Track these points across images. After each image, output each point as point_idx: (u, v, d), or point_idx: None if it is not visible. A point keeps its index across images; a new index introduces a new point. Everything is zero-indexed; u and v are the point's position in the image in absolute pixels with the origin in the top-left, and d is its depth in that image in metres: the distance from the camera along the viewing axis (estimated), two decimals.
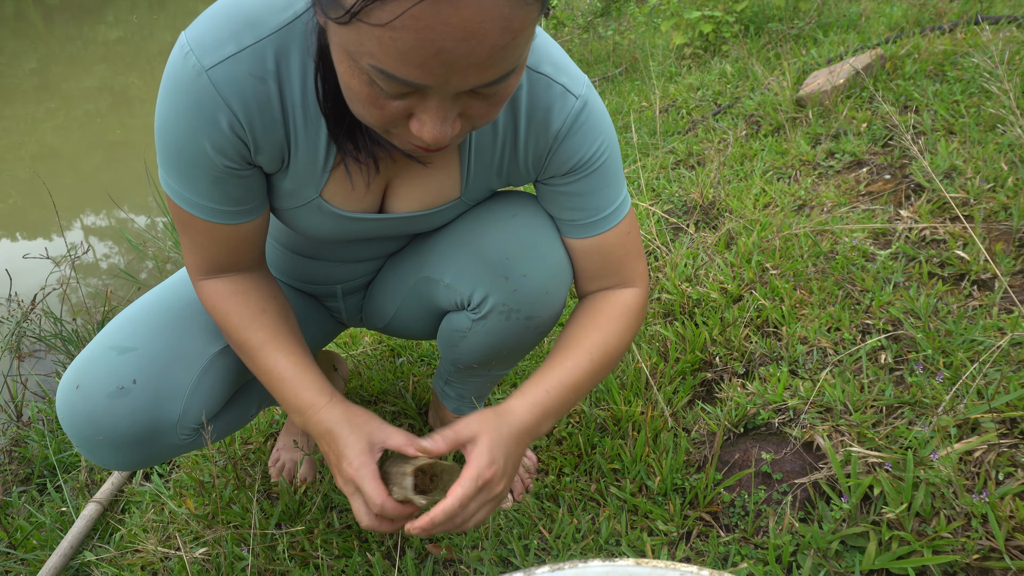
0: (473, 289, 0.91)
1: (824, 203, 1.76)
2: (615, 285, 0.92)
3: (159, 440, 0.87)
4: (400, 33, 0.50)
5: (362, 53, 0.54)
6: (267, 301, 0.87)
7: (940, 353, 1.15)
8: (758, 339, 1.35)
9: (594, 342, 0.87)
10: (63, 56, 8.81)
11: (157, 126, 0.72)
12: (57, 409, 0.87)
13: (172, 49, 0.69)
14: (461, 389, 1.17)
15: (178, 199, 0.76)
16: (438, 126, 0.60)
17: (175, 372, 0.87)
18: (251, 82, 0.68)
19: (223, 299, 0.84)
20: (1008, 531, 0.86)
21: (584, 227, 0.87)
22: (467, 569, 1.07)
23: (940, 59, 2.29)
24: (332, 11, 0.54)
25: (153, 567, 1.18)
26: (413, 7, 0.49)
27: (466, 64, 0.53)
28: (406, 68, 0.53)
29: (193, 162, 0.72)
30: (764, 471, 1.09)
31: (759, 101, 2.53)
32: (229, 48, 0.66)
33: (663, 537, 1.05)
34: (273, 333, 0.85)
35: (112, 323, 0.91)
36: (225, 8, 0.67)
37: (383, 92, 0.58)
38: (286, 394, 0.83)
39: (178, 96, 0.68)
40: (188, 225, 0.79)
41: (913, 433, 1.00)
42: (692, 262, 1.66)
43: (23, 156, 4.90)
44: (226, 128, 0.69)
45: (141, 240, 3.05)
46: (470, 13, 0.49)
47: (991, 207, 1.47)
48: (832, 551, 0.93)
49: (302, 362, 0.84)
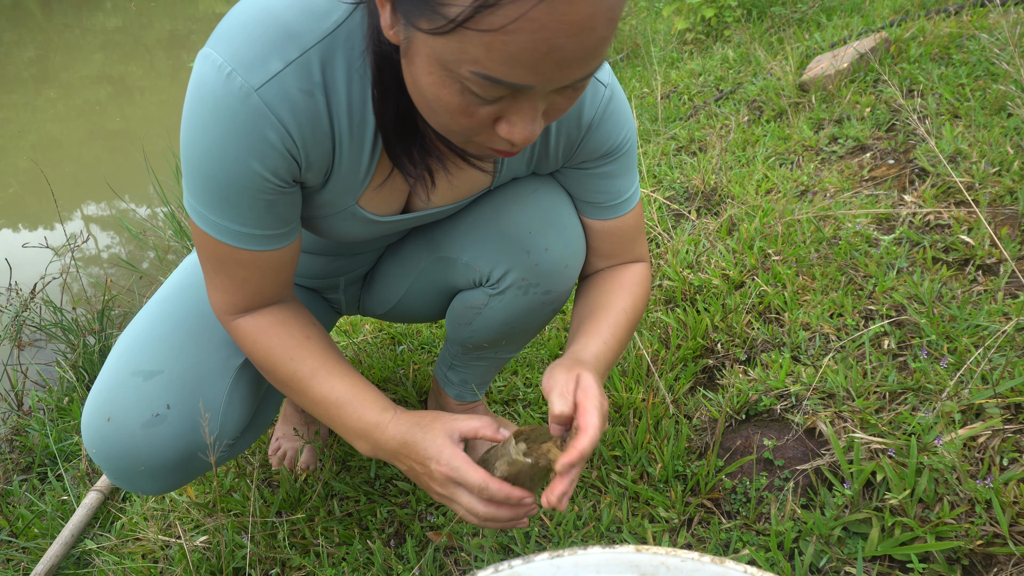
0: (493, 266, 0.92)
1: (827, 188, 1.74)
2: (626, 262, 0.95)
3: (198, 460, 0.86)
4: (513, 36, 0.50)
5: (462, 61, 0.53)
6: (309, 328, 0.82)
7: (944, 338, 1.14)
8: (760, 325, 1.34)
9: (626, 303, 0.90)
10: (61, 45, 8.78)
11: (193, 156, 0.67)
12: (87, 443, 0.83)
13: (199, 69, 0.64)
14: (465, 374, 1.17)
15: (219, 233, 0.71)
16: (529, 126, 0.60)
17: (205, 391, 0.84)
18: (301, 97, 0.64)
19: (264, 333, 0.79)
20: (1012, 517, 0.85)
21: (607, 209, 0.90)
22: (468, 556, 1.07)
23: (946, 42, 2.27)
24: (425, 22, 0.52)
25: (154, 555, 1.18)
26: (531, 9, 0.48)
27: (573, 59, 0.53)
28: (515, 71, 0.53)
29: (242, 189, 0.67)
30: (766, 458, 1.09)
31: (761, 86, 2.51)
32: (275, 64, 0.62)
33: (664, 524, 1.04)
34: (323, 359, 0.80)
35: (125, 345, 0.87)
36: (258, 20, 0.63)
37: (476, 99, 0.57)
38: (347, 419, 0.78)
39: (223, 120, 0.63)
40: (228, 261, 0.74)
41: (917, 419, 0.99)
42: (694, 248, 1.65)
43: (23, 145, 4.89)
44: (280, 148, 0.66)
45: (141, 230, 3.05)
46: (583, 8, 0.49)
47: (996, 191, 1.46)
48: (834, 537, 0.93)
49: (357, 383, 0.80)
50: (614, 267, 0.95)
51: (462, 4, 0.49)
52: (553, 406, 0.71)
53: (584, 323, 0.88)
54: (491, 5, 0.48)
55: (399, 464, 0.78)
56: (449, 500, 0.75)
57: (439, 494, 0.76)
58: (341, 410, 0.78)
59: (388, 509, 1.18)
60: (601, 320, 0.87)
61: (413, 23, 0.54)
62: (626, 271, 0.94)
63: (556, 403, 0.71)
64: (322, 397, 0.79)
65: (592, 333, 0.85)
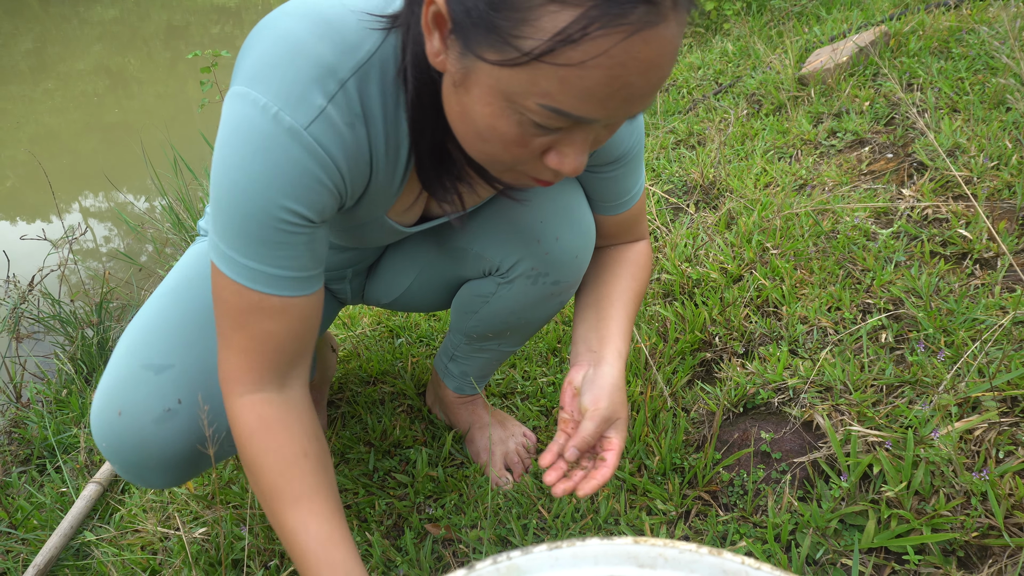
0: (504, 256, 0.92)
1: (825, 182, 1.74)
2: (627, 241, 0.98)
3: (207, 457, 0.86)
4: (590, 72, 0.51)
5: (530, 93, 0.53)
6: (310, 442, 0.75)
7: (941, 332, 1.14)
8: (758, 319, 1.34)
9: (634, 292, 0.93)
10: (59, 36, 8.74)
11: (230, 198, 0.64)
12: (96, 437, 0.82)
13: (238, 110, 0.62)
14: (466, 366, 1.17)
15: (251, 279, 0.67)
16: (580, 158, 0.60)
17: (215, 385, 0.83)
18: (347, 130, 0.64)
19: (265, 430, 0.72)
20: (1007, 509, 0.86)
21: (618, 206, 0.92)
22: (466, 548, 1.08)
23: (945, 36, 2.26)
24: (493, 54, 0.52)
25: (153, 547, 1.18)
26: (613, 47, 0.49)
27: (639, 96, 0.54)
28: (585, 105, 0.53)
29: (283, 227, 0.65)
30: (763, 450, 1.09)
31: (761, 80, 2.50)
32: (318, 100, 0.61)
33: (662, 516, 1.05)
34: (311, 487, 0.73)
35: (134, 337, 0.85)
36: (292, 56, 0.61)
37: (534, 131, 0.57)
38: (307, 569, 0.72)
39: (272, 161, 0.61)
40: (255, 312, 0.69)
41: (913, 412, 1.00)
42: (692, 242, 1.65)
43: (20, 137, 4.87)
44: (329, 184, 0.65)
45: (139, 222, 3.04)
46: (657, 47, 0.51)
47: (995, 185, 1.46)
48: (831, 529, 0.93)
49: (335, 534, 0.73)
50: (617, 246, 0.98)
51: (539, 38, 0.50)
52: (586, 431, 0.78)
53: (598, 313, 0.91)
54: (573, 41, 0.49)
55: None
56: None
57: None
58: (305, 556, 0.71)
59: (386, 501, 1.18)
60: (614, 313, 0.90)
61: (477, 53, 0.53)
62: (631, 250, 0.97)
63: (589, 428, 0.79)
64: (292, 530, 0.72)
65: (612, 329, 0.88)
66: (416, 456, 1.24)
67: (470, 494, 1.16)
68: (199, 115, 3.50)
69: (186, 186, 2.86)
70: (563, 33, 0.49)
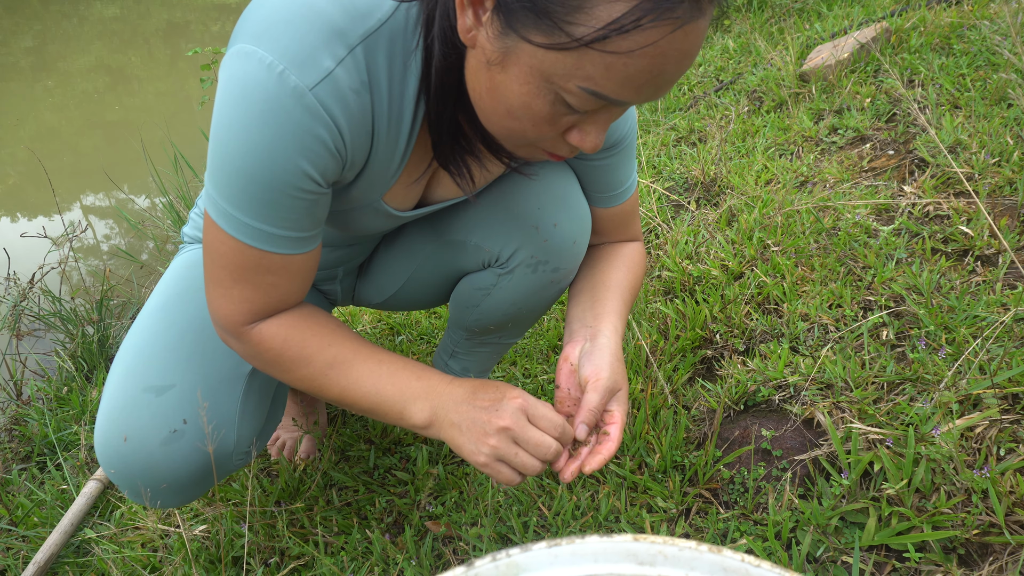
0: (503, 245, 0.93)
1: (826, 179, 1.74)
2: (621, 241, 1.00)
3: (218, 470, 0.86)
4: (636, 60, 0.54)
5: (573, 76, 0.56)
6: (331, 318, 0.80)
7: (942, 329, 1.14)
8: (759, 316, 1.34)
9: (629, 284, 0.94)
10: (59, 34, 8.73)
11: (233, 157, 0.63)
12: (104, 464, 0.82)
13: (241, 67, 0.60)
14: (467, 362, 1.17)
15: (252, 238, 0.68)
16: (600, 136, 0.63)
17: (219, 401, 0.84)
18: (352, 96, 0.63)
19: (295, 328, 0.75)
20: (1008, 506, 0.86)
21: (611, 198, 0.94)
22: (466, 546, 1.07)
23: (947, 32, 2.25)
24: (540, 36, 0.54)
25: (153, 544, 1.18)
26: (661, 38, 0.53)
27: (669, 83, 0.57)
28: (624, 90, 0.56)
29: (286, 190, 0.65)
30: (764, 448, 1.09)
31: (762, 77, 2.50)
32: (326, 62, 0.60)
33: (662, 514, 1.05)
34: (358, 340, 0.78)
35: (130, 360, 0.84)
36: (302, 16, 0.60)
37: (566, 111, 0.60)
38: (405, 382, 0.75)
39: (274, 120, 0.61)
40: (256, 267, 0.70)
41: (914, 409, 1.00)
42: (693, 239, 1.65)
43: (21, 135, 4.87)
44: (331, 147, 0.64)
45: (140, 220, 3.04)
46: (694, 39, 0.55)
47: (996, 182, 1.45)
48: (832, 527, 0.93)
49: (400, 357, 0.78)
50: (612, 245, 0.99)
51: (592, 25, 0.52)
52: (591, 403, 0.77)
53: (593, 299, 0.91)
54: (625, 31, 0.52)
55: (450, 423, 0.73)
56: (506, 443, 0.71)
57: (494, 440, 0.71)
58: (395, 376, 0.75)
59: (387, 499, 1.18)
60: (609, 299, 0.90)
61: (521, 34, 0.55)
62: (625, 247, 0.99)
63: (594, 400, 0.77)
64: (371, 371, 0.75)
65: (609, 311, 0.88)
66: (416, 453, 1.24)
67: (470, 491, 1.16)
68: (199, 112, 3.50)
69: (187, 183, 2.86)
70: (617, 23, 0.52)
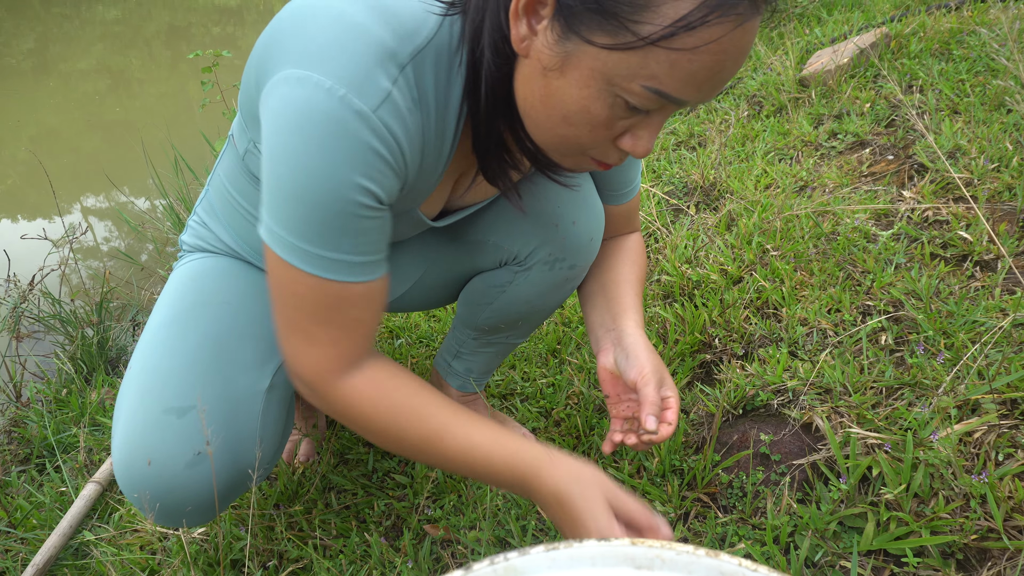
0: (523, 243, 0.94)
1: (826, 184, 1.74)
2: (623, 233, 1.04)
3: (240, 488, 0.86)
4: (700, 56, 0.54)
5: (637, 76, 0.56)
6: (411, 374, 0.76)
7: (941, 334, 1.14)
8: (758, 321, 1.34)
9: (637, 276, 0.98)
10: (60, 36, 8.74)
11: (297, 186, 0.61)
12: (126, 489, 0.81)
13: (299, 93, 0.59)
14: (471, 363, 1.17)
15: (330, 270, 0.65)
16: (652, 140, 0.64)
17: (240, 420, 0.83)
18: (408, 115, 0.63)
19: (384, 390, 0.72)
20: (1006, 511, 0.86)
21: (622, 195, 0.98)
22: (464, 549, 1.07)
23: (946, 37, 2.26)
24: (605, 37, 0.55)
25: (152, 547, 1.18)
26: (726, 35, 0.53)
27: (726, 80, 0.58)
28: (686, 88, 0.57)
29: (359, 213, 0.63)
30: (762, 452, 1.09)
31: (761, 81, 2.50)
32: (383, 83, 0.60)
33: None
34: (447, 407, 0.74)
35: (144, 380, 0.82)
36: (353, 38, 0.59)
37: (623, 113, 0.60)
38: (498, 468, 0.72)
39: (340, 145, 0.59)
40: (340, 303, 0.67)
41: (913, 414, 1.00)
42: (692, 244, 1.65)
43: (21, 137, 4.87)
44: (395, 167, 0.64)
45: (140, 222, 3.04)
46: (751, 36, 0.56)
47: (995, 187, 1.45)
48: (830, 532, 0.93)
49: (493, 425, 0.74)
50: (615, 238, 1.03)
51: (658, 23, 0.53)
52: (651, 396, 0.80)
53: (610, 295, 0.95)
54: (692, 28, 0.52)
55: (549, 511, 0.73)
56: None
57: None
58: (490, 457, 0.72)
59: (385, 502, 1.18)
60: (625, 293, 0.94)
61: (584, 36, 0.56)
62: (627, 240, 1.02)
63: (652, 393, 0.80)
64: (466, 448, 0.72)
65: (629, 305, 0.92)
66: None
67: (469, 495, 1.16)
68: (200, 115, 3.51)
69: (187, 186, 2.86)
70: (684, 20, 0.52)
